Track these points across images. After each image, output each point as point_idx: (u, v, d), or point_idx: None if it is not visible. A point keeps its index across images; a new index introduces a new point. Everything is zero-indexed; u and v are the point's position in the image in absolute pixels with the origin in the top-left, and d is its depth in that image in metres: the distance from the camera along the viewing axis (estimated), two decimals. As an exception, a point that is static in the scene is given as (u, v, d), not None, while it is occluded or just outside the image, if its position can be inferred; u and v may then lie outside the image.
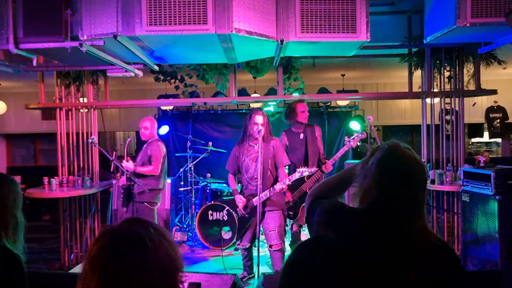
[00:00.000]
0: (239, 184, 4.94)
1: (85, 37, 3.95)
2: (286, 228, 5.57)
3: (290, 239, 5.75)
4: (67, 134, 6.05)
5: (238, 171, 4.74)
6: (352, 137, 4.97)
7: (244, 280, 4.82)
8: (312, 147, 5.17)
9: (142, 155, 5.23)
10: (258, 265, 4.37)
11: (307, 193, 4.30)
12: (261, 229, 4.62)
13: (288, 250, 5.20)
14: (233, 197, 4.77)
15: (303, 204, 4.88)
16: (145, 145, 5.30)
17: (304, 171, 4.35)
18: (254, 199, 4.55)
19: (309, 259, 1.38)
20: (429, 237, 1.43)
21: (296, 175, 4.38)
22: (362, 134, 4.93)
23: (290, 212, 5.19)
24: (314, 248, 1.40)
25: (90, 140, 5.31)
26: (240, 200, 4.61)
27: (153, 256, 1.14)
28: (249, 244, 4.71)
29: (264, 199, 4.43)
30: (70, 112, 6.06)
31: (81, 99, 6.18)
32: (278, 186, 4.42)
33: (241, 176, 4.74)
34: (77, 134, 6.08)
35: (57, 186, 5.67)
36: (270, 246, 4.51)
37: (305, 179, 5.00)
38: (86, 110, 6.18)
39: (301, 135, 5.24)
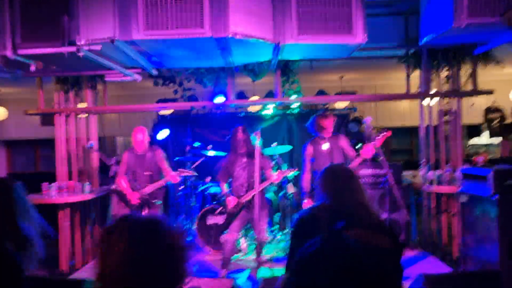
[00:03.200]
0: (230, 189, 5.15)
1: (83, 42, 3.97)
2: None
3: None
4: (66, 140, 6.06)
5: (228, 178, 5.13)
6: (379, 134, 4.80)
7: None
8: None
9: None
10: (257, 268, 4.40)
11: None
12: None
13: None
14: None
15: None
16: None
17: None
18: (243, 197, 4.95)
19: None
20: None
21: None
22: (387, 132, 4.85)
23: None
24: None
25: (88, 146, 5.31)
26: (232, 200, 4.96)
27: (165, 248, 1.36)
28: (239, 235, 5.06)
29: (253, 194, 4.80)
30: (69, 118, 6.07)
31: (80, 105, 6.19)
32: (274, 177, 4.91)
33: (231, 182, 5.12)
34: (77, 139, 6.08)
35: (56, 192, 5.68)
36: (261, 237, 4.91)
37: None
38: (85, 115, 6.18)
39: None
